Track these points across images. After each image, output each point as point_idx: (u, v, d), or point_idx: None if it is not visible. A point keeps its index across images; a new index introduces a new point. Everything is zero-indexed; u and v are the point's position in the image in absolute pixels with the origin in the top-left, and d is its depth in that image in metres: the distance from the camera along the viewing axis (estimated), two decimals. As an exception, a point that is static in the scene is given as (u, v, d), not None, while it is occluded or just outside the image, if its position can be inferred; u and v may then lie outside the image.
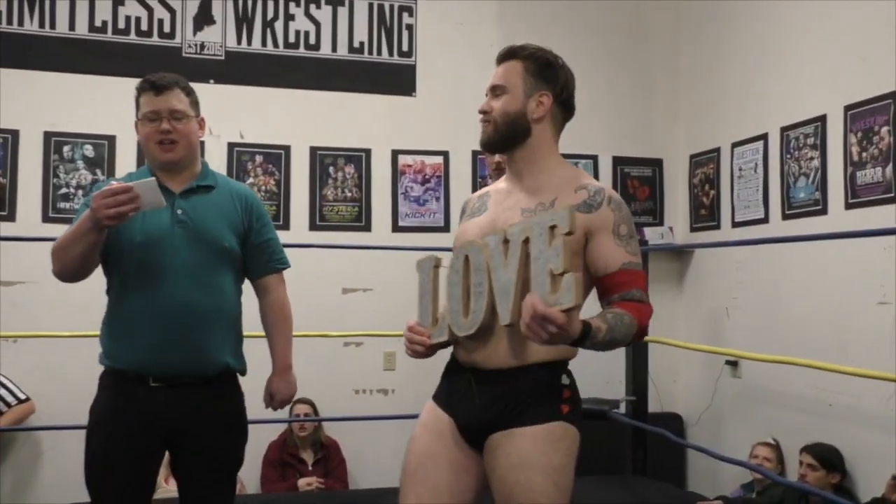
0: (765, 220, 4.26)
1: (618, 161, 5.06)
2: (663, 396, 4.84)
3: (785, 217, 4.11)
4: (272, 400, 2.32)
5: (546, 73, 1.83)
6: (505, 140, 1.82)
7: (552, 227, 1.55)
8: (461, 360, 1.80)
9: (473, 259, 1.71)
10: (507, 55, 1.85)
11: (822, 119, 3.87)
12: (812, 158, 3.93)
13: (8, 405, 3.99)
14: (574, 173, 1.84)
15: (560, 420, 1.72)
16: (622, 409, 4.29)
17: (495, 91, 1.83)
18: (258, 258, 2.28)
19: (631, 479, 4.19)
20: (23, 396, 4.04)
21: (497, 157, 3.17)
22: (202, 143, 4.36)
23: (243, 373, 2.27)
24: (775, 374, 4.11)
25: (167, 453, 2.19)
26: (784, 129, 4.12)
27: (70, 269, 2.10)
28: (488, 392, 1.72)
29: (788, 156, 4.09)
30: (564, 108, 1.88)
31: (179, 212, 2.14)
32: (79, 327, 3.89)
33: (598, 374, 4.63)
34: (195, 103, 2.23)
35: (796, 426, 3.89)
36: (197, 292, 2.10)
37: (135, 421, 2.08)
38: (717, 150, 4.71)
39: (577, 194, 1.74)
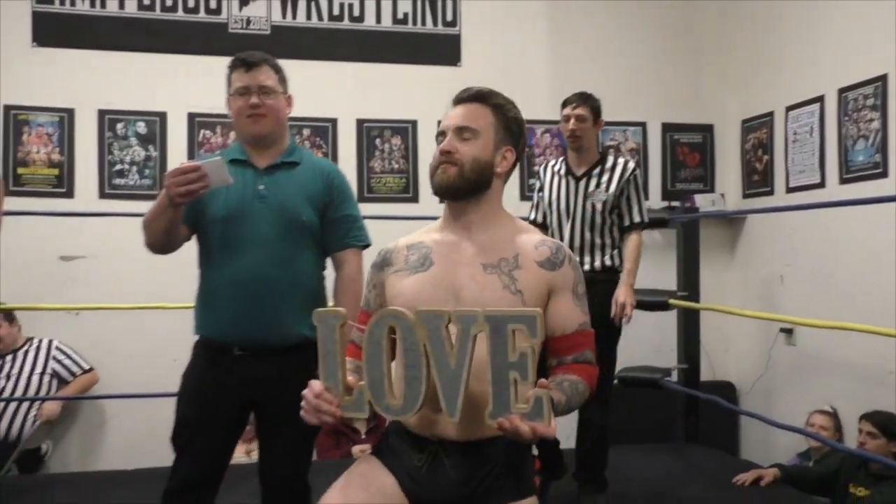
0: (821, 185, 4.12)
1: (667, 128, 4.95)
2: (715, 365, 4.77)
3: (843, 181, 3.97)
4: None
5: (513, 127, 1.72)
6: (468, 188, 1.66)
7: (513, 327, 1.38)
8: (416, 427, 1.60)
9: (406, 336, 1.45)
10: (475, 98, 1.71)
11: (883, 79, 3.71)
12: (872, 120, 3.78)
13: (73, 375, 4.12)
14: (523, 226, 1.74)
15: (532, 495, 1.60)
16: (674, 377, 4.22)
17: (463, 133, 1.67)
18: (336, 232, 2.29)
19: (683, 447, 4.13)
20: (86, 367, 4.15)
21: (572, 125, 3.15)
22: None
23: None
24: (831, 341, 4.00)
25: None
26: (842, 91, 3.97)
27: (157, 243, 2.18)
28: (460, 466, 1.57)
29: (846, 118, 3.94)
30: (516, 165, 1.76)
31: (261, 187, 2.19)
32: (136, 300, 3.97)
33: (648, 343, 4.57)
34: (283, 80, 2.28)
35: (854, 394, 3.79)
36: (274, 266, 2.15)
37: (220, 387, 2.15)
38: (771, 114, 4.56)
39: (538, 251, 1.64)
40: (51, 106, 4.33)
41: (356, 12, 4.59)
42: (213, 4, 4.47)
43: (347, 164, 4.62)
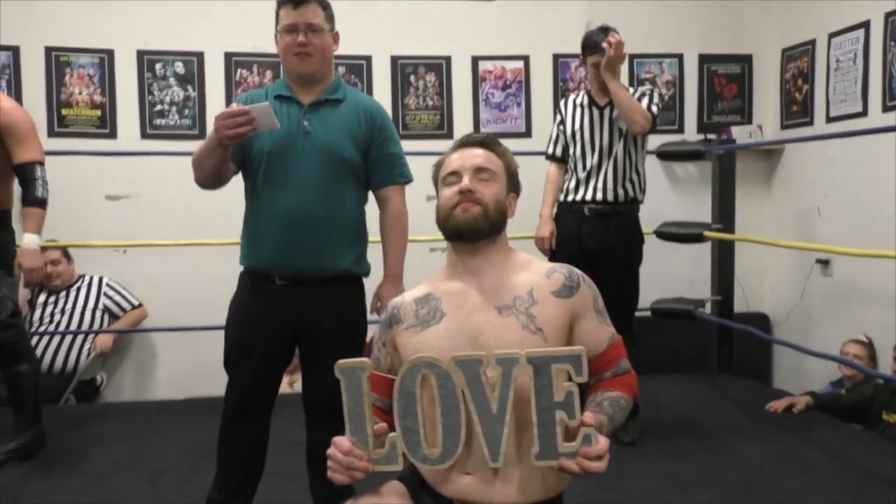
0: (863, 114, 4.01)
1: (704, 59, 4.84)
2: (750, 297, 4.75)
3: (886, 109, 3.85)
4: (379, 305, 2.38)
5: (515, 175, 1.68)
6: (492, 228, 1.58)
7: (557, 367, 1.35)
8: (453, 495, 1.50)
9: (442, 384, 1.39)
10: (484, 144, 1.65)
11: (931, 1, 3.57)
12: (918, 45, 3.66)
13: (124, 310, 4.23)
14: (528, 258, 1.67)
15: None
16: (707, 309, 4.22)
17: (481, 174, 1.60)
18: (379, 170, 2.33)
19: (716, 377, 4.16)
20: (136, 303, 4.26)
21: (597, 58, 3.11)
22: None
23: (366, 275, 2.36)
24: (869, 272, 3.96)
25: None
26: (889, 15, 3.82)
27: (206, 180, 2.25)
28: None
29: (893, 43, 3.81)
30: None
31: (306, 123, 2.23)
32: (180, 237, 4.05)
33: (682, 275, 4.57)
34: (330, 18, 2.28)
35: (890, 325, 3.76)
36: (316, 200, 2.20)
37: (264, 315, 2.23)
38: (812, 41, 4.43)
39: (551, 280, 1.58)
40: (90, 47, 4.36)
41: (389, -53, 4.52)
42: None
43: (382, 101, 4.52)
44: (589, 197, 3.22)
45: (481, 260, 1.59)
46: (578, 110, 3.28)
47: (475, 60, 4.68)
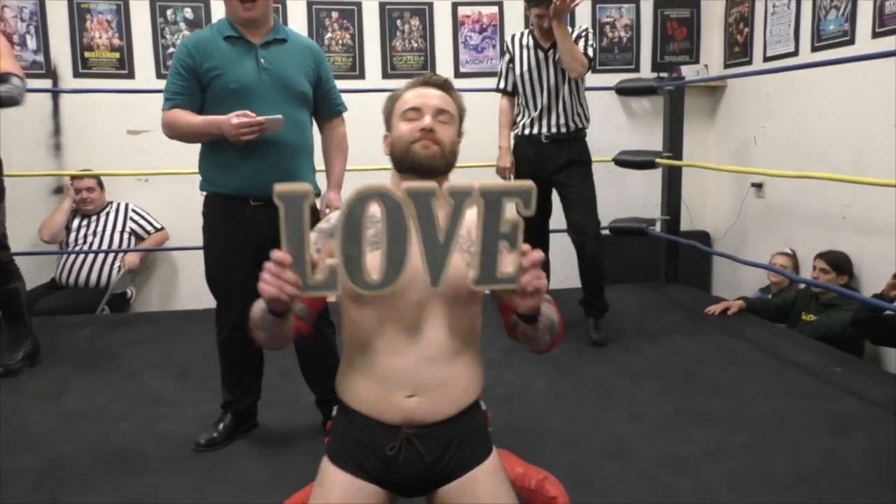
0: (794, 54, 3.97)
1: (658, 4, 4.74)
2: (694, 217, 4.78)
3: (814, 49, 3.82)
4: (328, 211, 2.33)
5: (463, 119, 1.54)
6: (446, 168, 1.46)
7: (507, 201, 1.20)
8: (384, 416, 1.37)
9: (391, 214, 1.20)
10: (444, 86, 1.50)
11: (857, -48, 3.50)
12: (844, -9, 3.60)
13: (148, 233, 4.21)
14: None
15: (493, 447, 1.45)
16: (658, 227, 4.26)
17: (440, 116, 1.46)
18: (326, 103, 2.32)
19: (664, 286, 4.23)
20: (158, 226, 4.23)
21: (546, 25, 3.06)
22: (283, 3, 4.29)
23: (319, 194, 2.31)
24: (796, 193, 4.00)
25: None
26: (819, -36, 3.76)
27: (181, 140, 2.24)
28: (435, 446, 1.37)
29: (822, -10, 3.76)
30: None
31: (262, 61, 2.16)
32: (195, 166, 3.99)
33: (635, 199, 4.58)
34: None
35: (812, 239, 3.81)
36: (286, 129, 2.13)
37: (242, 236, 2.17)
38: (753, -12, 4.35)
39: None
40: (107, -6, 4.20)
41: None
42: None
43: (371, 44, 4.50)
44: (545, 131, 3.22)
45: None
46: (525, 51, 3.22)
47: (455, 6, 4.56)
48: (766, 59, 4.23)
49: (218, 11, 4.30)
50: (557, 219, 3.36)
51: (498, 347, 3.12)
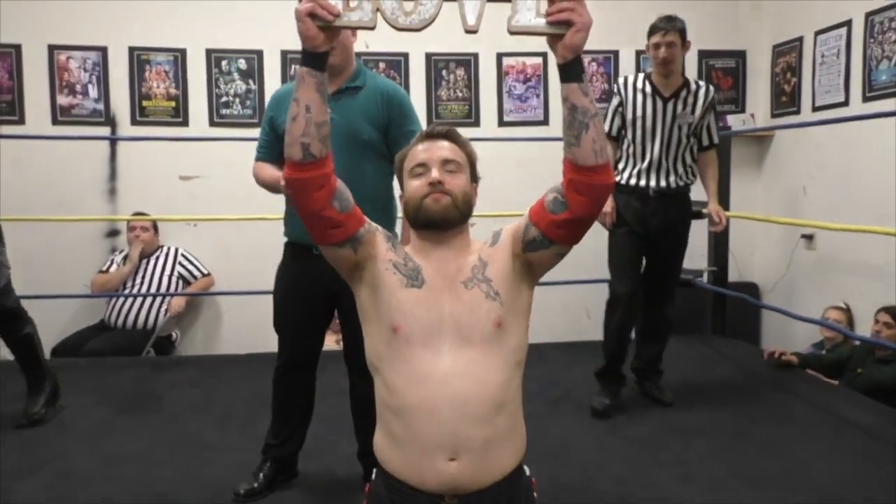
0: (845, 104, 3.90)
1: (703, 54, 4.72)
2: (742, 267, 4.67)
3: (865, 99, 3.74)
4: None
5: (476, 166, 1.52)
6: (461, 219, 1.44)
7: None
8: (439, 488, 1.30)
9: None
10: (448, 136, 1.48)
11: (909, 2, 3.44)
12: (896, 42, 3.53)
13: (195, 278, 4.26)
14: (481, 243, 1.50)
15: None
16: (704, 278, 4.16)
17: (448, 166, 1.43)
18: (395, 148, 2.26)
19: (712, 339, 4.11)
20: (205, 272, 4.28)
21: (663, 53, 2.83)
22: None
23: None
24: (849, 245, 3.87)
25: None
26: (869, 14, 3.70)
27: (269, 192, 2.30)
28: None
29: (872, 40, 3.69)
30: None
31: (329, 111, 2.16)
32: (243, 213, 4.06)
33: (682, 248, 4.49)
34: None
35: (866, 293, 3.68)
36: (342, 178, 2.13)
37: (303, 281, 2.22)
38: (800, 38, 4.30)
39: (486, 242, 1.46)
40: (167, 47, 4.36)
41: (424, -44, 4.44)
42: (299, -48, 4.39)
43: (417, 93, 4.56)
44: (653, 184, 2.98)
45: (447, 248, 1.43)
46: (640, 96, 2.95)
47: (499, 57, 4.61)
48: (815, 108, 4.16)
49: (270, 62, 4.42)
50: (590, 268, 3.29)
51: (540, 400, 3.05)
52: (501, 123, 4.61)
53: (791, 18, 4.41)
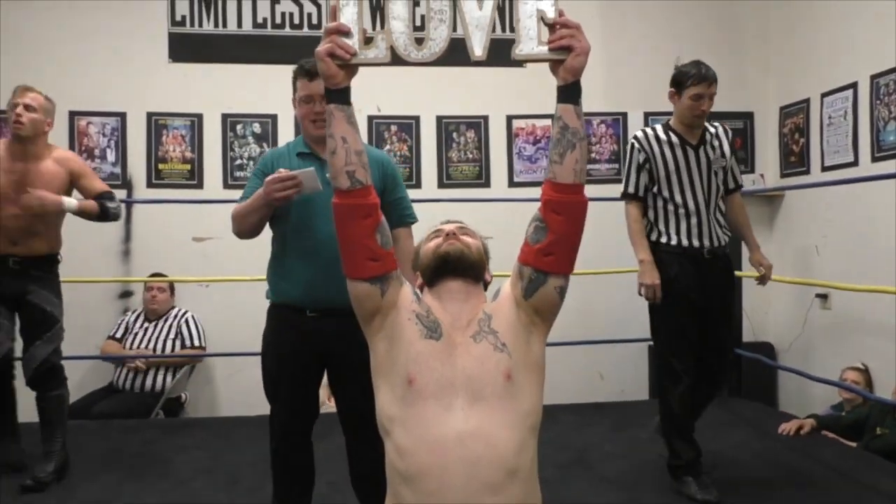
0: (854, 164, 3.94)
1: (711, 115, 4.71)
2: (756, 327, 4.63)
3: (874, 159, 3.78)
4: None
5: (488, 257, 1.58)
6: (478, 267, 1.50)
7: None
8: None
9: None
10: (460, 223, 1.60)
11: (913, 65, 3.51)
12: (902, 103, 3.59)
13: (193, 344, 4.17)
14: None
15: None
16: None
17: (464, 230, 1.54)
18: (391, 213, 2.28)
19: (727, 400, 4.04)
20: (200, 343, 4.18)
21: (705, 107, 2.69)
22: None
23: None
24: (864, 305, 3.84)
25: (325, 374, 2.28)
26: (874, 77, 3.77)
27: (246, 232, 2.23)
28: None
29: (878, 101, 3.75)
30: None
31: (327, 175, 2.19)
32: (256, 273, 4.09)
33: (694, 307, 4.47)
34: None
35: (884, 353, 3.63)
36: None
37: (296, 344, 2.18)
38: (807, 100, 4.37)
39: (488, 302, 1.50)
40: (184, 112, 4.49)
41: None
42: (314, 20, 4.55)
43: (428, 155, 4.65)
44: (706, 243, 2.74)
45: (463, 302, 1.47)
46: (668, 148, 2.75)
47: (509, 119, 4.71)
48: (825, 168, 4.19)
49: (284, 126, 4.54)
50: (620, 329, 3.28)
51: (552, 464, 3.00)
52: (511, 184, 4.67)
53: (797, 80, 4.49)
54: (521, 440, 1.34)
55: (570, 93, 1.39)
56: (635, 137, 2.84)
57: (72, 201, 2.83)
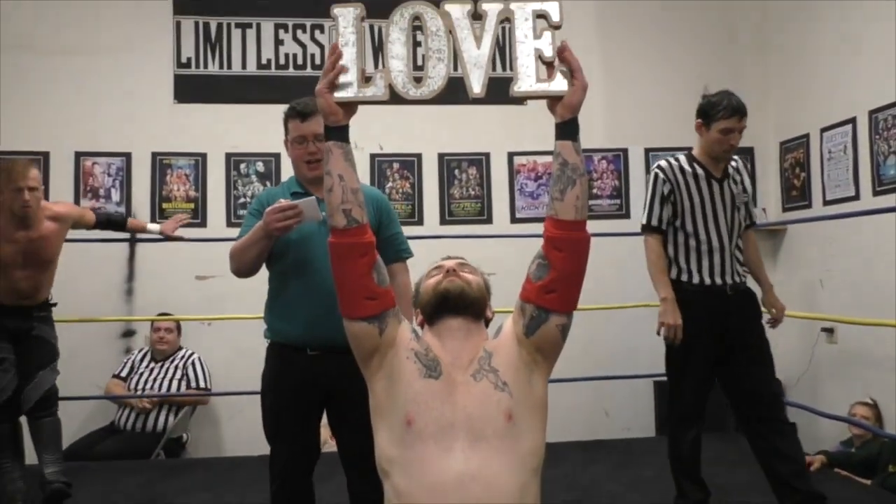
0: (855, 197, 3.95)
1: (712, 151, 4.82)
2: (762, 362, 4.59)
3: (876, 193, 3.80)
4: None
5: (490, 293, 1.60)
6: (476, 301, 1.49)
7: (539, 16, 1.37)
8: None
9: (430, 23, 1.38)
10: (460, 258, 1.61)
11: (911, 100, 3.55)
12: (901, 137, 3.62)
13: (197, 386, 4.16)
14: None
15: None
16: (723, 373, 4.09)
17: (465, 268, 1.55)
18: (387, 249, 2.29)
19: (734, 437, 3.99)
20: (205, 385, 4.18)
21: (734, 140, 2.65)
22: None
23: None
24: (871, 338, 3.82)
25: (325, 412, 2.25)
26: (872, 112, 3.81)
27: (245, 268, 2.21)
28: None
29: (877, 136, 3.78)
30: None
31: (323, 214, 2.20)
32: (257, 310, 4.08)
33: (699, 343, 4.45)
34: None
35: (892, 387, 3.60)
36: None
37: (297, 383, 2.16)
38: (807, 135, 4.41)
39: (489, 339, 1.51)
40: (188, 151, 4.54)
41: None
42: (317, 61, 4.62)
43: (430, 192, 4.68)
44: (730, 280, 2.66)
45: (464, 340, 1.46)
46: (693, 180, 2.68)
47: (511, 156, 4.75)
48: (826, 202, 4.21)
49: (286, 164, 4.54)
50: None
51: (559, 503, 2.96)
52: (513, 220, 4.69)
53: (796, 116, 4.54)
54: (523, 483, 1.32)
55: (568, 129, 1.41)
56: (659, 167, 2.74)
57: (154, 226, 3.52)
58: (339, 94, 1.41)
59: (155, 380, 4.13)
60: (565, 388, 3.80)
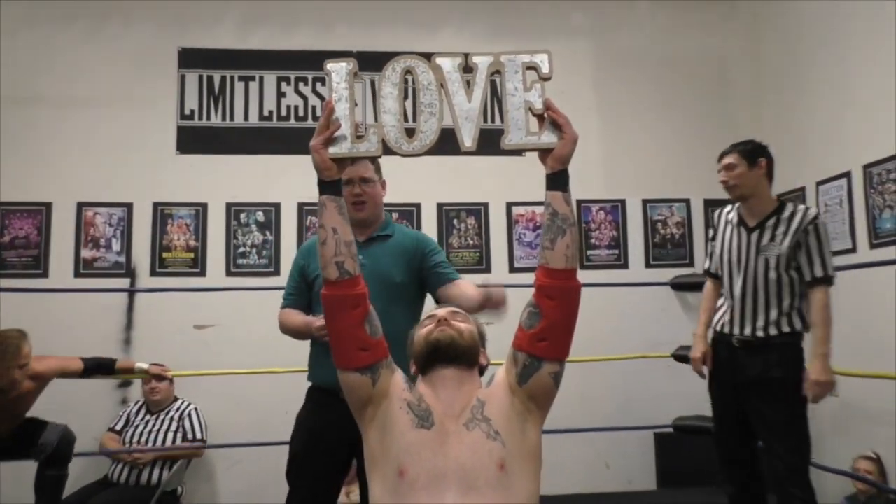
0: (852, 250, 3.98)
1: (709, 203, 4.87)
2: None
3: (872, 246, 3.83)
4: None
5: (485, 338, 1.63)
6: (469, 352, 1.51)
7: (529, 69, 1.40)
8: None
9: (422, 77, 1.41)
10: (453, 308, 1.67)
11: (904, 154, 3.60)
12: (896, 192, 3.66)
13: (195, 438, 4.11)
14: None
15: None
16: (725, 425, 4.06)
17: (457, 316, 1.59)
18: (437, 276, 2.31)
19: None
20: (200, 437, 4.12)
21: (722, 176, 2.68)
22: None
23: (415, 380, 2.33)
24: (872, 392, 3.79)
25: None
26: (866, 167, 3.86)
27: (292, 337, 2.34)
28: None
29: (872, 190, 3.83)
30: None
31: (361, 258, 2.24)
32: (256, 362, 4.07)
33: (699, 395, 4.40)
34: (378, 169, 2.39)
35: (893, 441, 3.57)
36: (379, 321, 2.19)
37: (327, 425, 2.20)
38: (803, 188, 4.46)
39: (483, 388, 1.53)
40: (189, 201, 4.58)
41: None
42: (318, 113, 4.70)
43: (430, 241, 4.71)
44: (737, 331, 2.62)
45: (456, 389, 1.46)
46: (729, 227, 2.70)
47: (509, 206, 4.80)
48: (824, 254, 4.23)
49: (287, 214, 4.61)
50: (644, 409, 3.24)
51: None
52: (512, 269, 4.71)
53: (791, 169, 4.58)
54: None
55: (558, 180, 1.45)
56: (715, 212, 2.88)
57: (143, 365, 3.71)
58: (333, 150, 1.44)
59: (150, 432, 4.08)
60: (565, 439, 3.77)
